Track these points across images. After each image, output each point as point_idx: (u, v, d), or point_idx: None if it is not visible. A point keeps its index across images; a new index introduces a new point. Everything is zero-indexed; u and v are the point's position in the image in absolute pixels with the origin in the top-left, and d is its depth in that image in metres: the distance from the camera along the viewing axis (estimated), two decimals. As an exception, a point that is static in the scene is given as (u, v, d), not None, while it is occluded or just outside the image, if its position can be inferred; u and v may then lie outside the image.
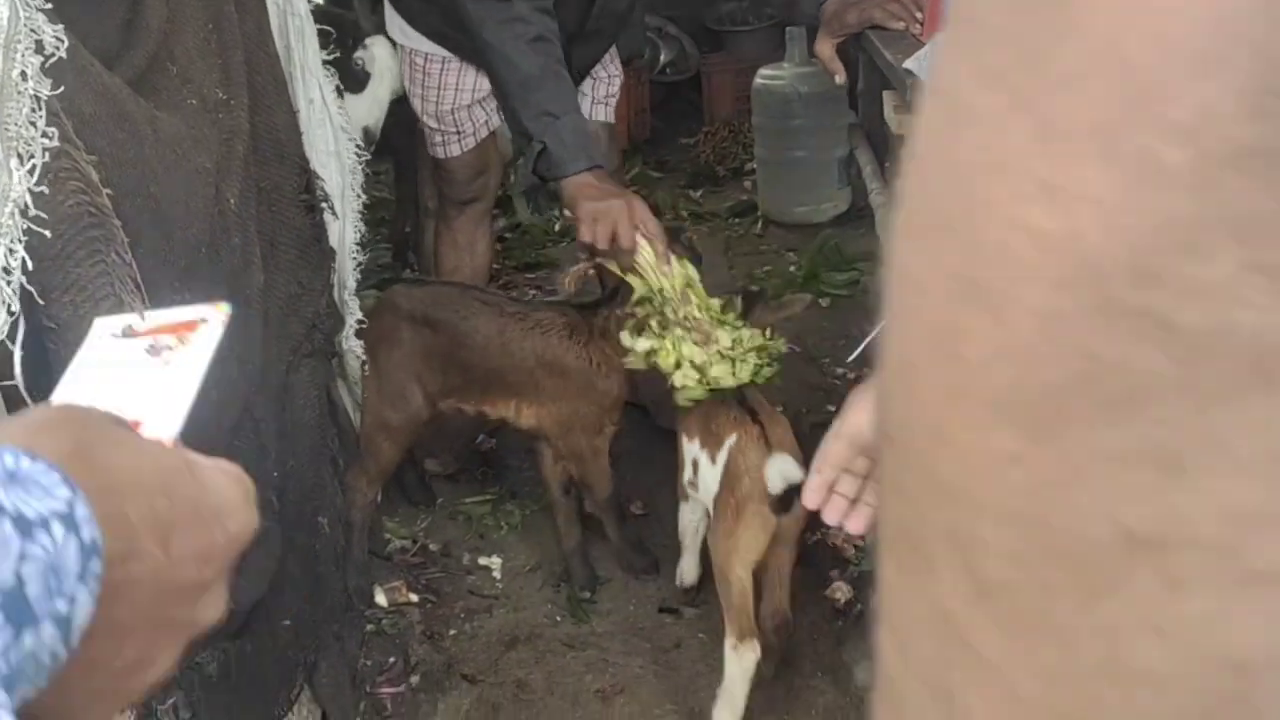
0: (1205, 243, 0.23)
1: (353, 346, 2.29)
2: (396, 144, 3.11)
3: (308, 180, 2.06)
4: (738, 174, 4.69)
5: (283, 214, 2.00)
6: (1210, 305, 0.23)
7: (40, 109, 0.91)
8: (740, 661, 2.03)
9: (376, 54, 2.73)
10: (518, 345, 2.38)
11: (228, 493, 0.49)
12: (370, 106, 2.45)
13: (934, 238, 0.26)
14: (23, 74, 0.89)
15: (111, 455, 0.44)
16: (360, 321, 2.29)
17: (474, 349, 2.39)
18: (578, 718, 2.20)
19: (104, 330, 0.67)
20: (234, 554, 0.49)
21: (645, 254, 1.98)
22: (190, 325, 0.66)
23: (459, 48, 2.43)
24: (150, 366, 0.63)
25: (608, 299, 2.40)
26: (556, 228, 3.95)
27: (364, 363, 2.36)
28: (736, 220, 4.30)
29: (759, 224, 4.21)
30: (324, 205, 2.12)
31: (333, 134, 2.02)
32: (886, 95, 2.27)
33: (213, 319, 0.67)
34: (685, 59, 5.24)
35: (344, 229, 2.15)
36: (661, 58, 5.22)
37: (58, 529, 0.38)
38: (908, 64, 1.94)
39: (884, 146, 3.85)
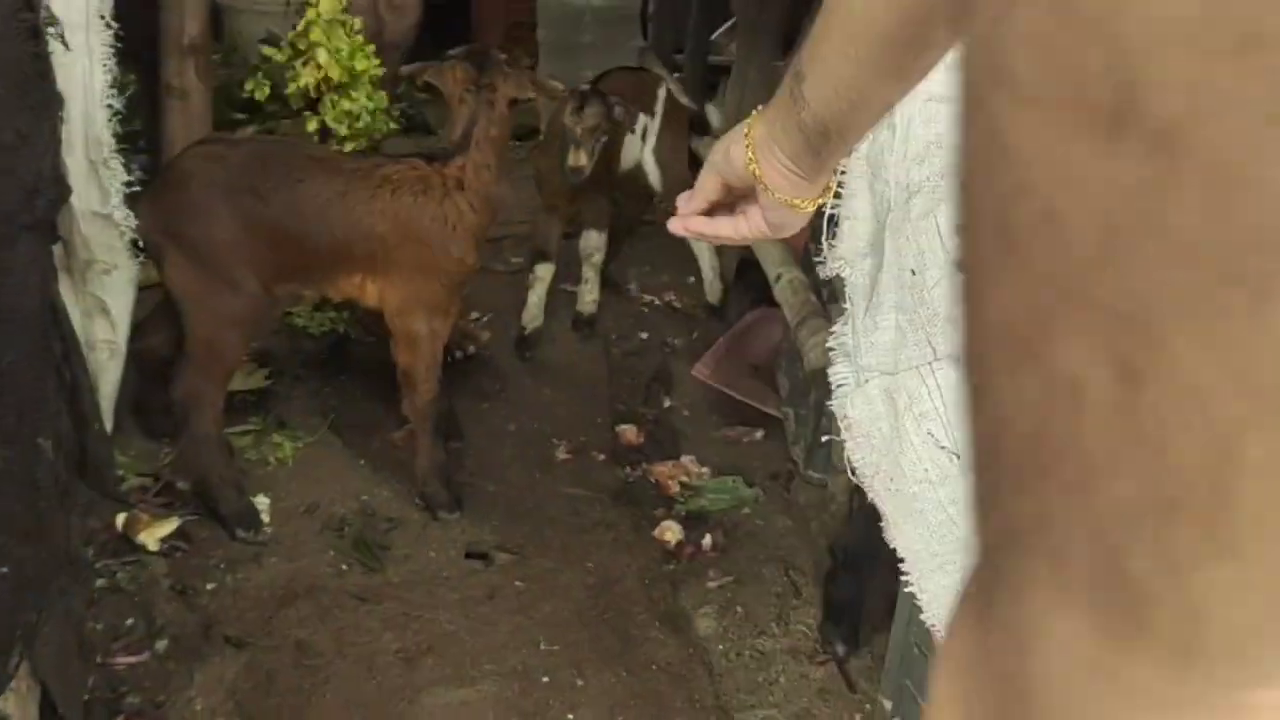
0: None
1: (120, 217, 1.81)
2: (124, 12, 2.53)
3: (30, -5, 1.56)
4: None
5: (-6, 35, 1.50)
6: None
7: None
8: None
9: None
10: (364, 208, 2.00)
11: None
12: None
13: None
14: None
15: None
16: (127, 183, 1.81)
17: (312, 217, 1.99)
18: (376, 684, 1.82)
19: None
20: None
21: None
22: None
23: None
24: None
25: (460, 145, 2.06)
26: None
27: (138, 246, 1.89)
28: (518, 143, 3.94)
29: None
30: (50, 31, 1.62)
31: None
32: None
33: None
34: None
35: (91, 67, 1.68)
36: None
37: None
38: None
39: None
